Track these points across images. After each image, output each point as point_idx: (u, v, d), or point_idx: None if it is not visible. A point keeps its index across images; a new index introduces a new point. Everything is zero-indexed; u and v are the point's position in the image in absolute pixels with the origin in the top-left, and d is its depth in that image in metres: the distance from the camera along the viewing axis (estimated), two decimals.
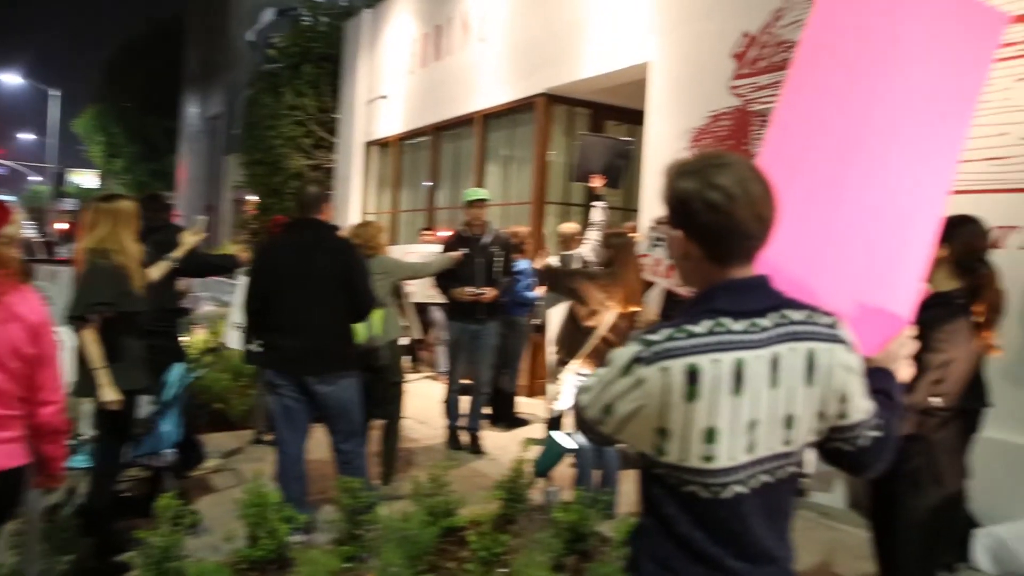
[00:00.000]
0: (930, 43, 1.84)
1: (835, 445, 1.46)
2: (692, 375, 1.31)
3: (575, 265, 5.40)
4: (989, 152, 4.31)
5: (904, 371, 1.64)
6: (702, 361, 1.31)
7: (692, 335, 1.34)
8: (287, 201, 13.36)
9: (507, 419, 6.34)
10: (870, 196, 1.78)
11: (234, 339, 5.63)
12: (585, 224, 5.90)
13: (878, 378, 1.57)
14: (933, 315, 2.55)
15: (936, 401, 2.62)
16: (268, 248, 4.29)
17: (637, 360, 1.35)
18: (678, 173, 1.40)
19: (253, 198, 16.48)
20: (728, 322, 1.35)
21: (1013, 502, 3.95)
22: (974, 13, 1.91)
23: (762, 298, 1.39)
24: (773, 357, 1.35)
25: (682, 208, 1.38)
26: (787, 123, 1.75)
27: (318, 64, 13.91)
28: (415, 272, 5.54)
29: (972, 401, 3.17)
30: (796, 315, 1.39)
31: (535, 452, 4.33)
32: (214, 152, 24.48)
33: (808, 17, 1.80)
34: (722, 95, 5.76)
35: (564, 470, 4.21)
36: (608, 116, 8.28)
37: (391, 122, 11.41)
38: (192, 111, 27.54)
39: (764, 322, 1.36)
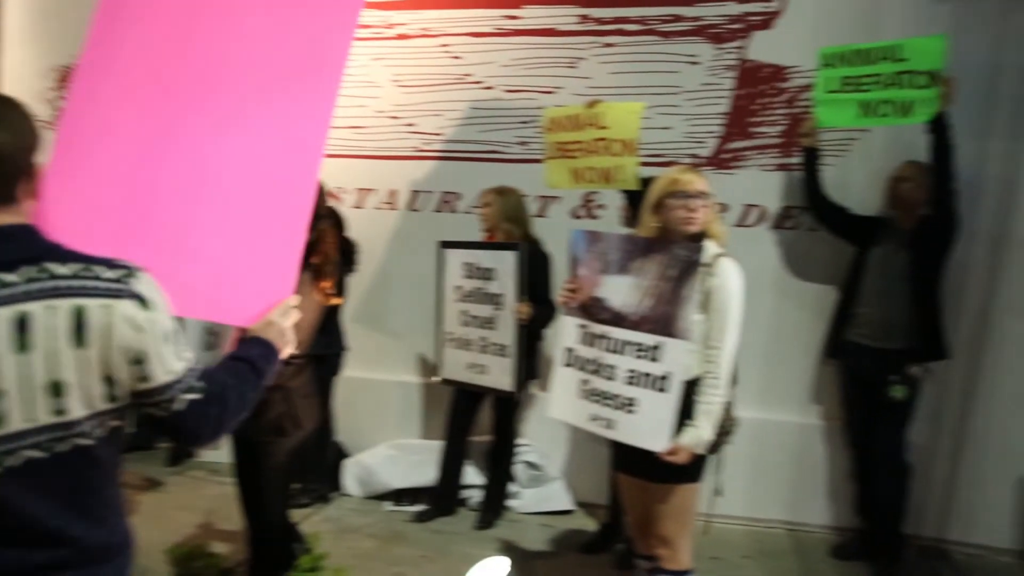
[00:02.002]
0: (283, 12, 1.81)
1: (147, 411, 1.35)
2: None
3: None
4: (352, 121, 4.77)
5: (286, 340, 1.62)
6: None
7: None
8: None
9: None
10: (221, 165, 1.66)
11: None
12: None
13: (245, 346, 1.52)
14: None
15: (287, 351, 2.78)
16: None
17: None
18: None
19: None
20: None
21: (374, 430, 4.54)
22: None
23: (11, 249, 1.22)
24: (20, 316, 1.19)
25: None
26: (102, 73, 1.58)
27: None
28: None
29: (328, 347, 3.51)
30: (63, 269, 1.23)
31: None
32: None
33: None
34: None
35: None
36: None
37: None
38: None
39: (10, 277, 1.19)
